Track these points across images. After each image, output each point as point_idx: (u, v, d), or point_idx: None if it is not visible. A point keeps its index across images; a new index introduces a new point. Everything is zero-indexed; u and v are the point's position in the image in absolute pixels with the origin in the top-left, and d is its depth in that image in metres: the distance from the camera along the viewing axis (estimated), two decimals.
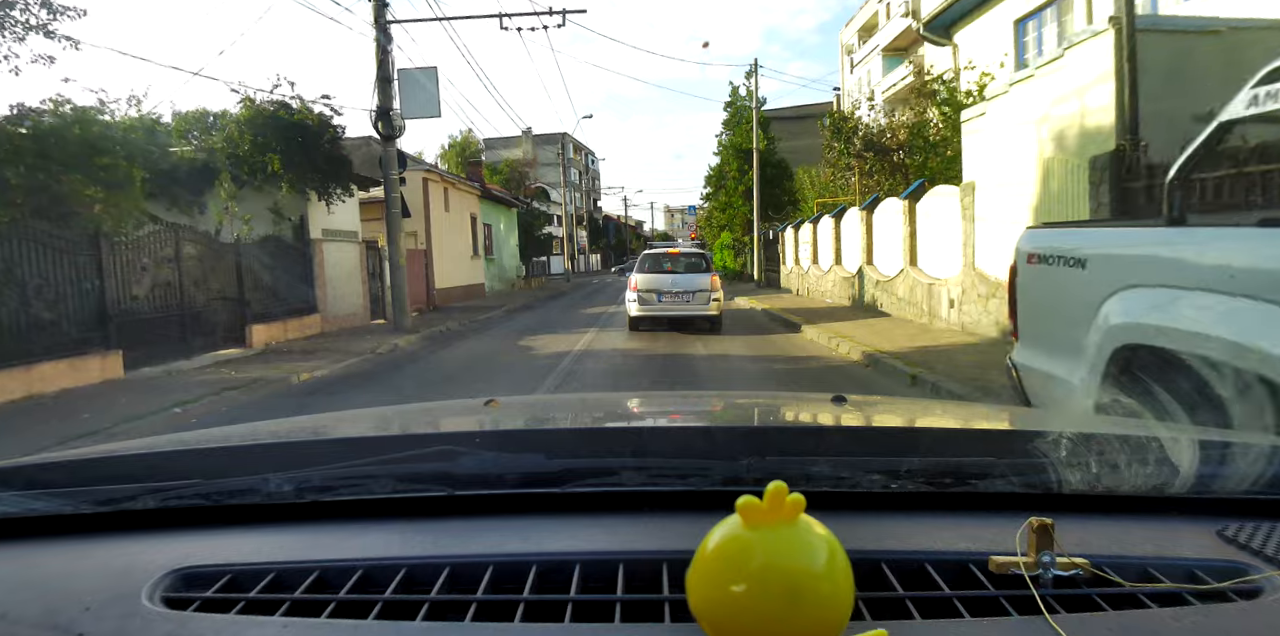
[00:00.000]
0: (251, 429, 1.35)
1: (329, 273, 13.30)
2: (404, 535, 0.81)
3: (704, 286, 11.63)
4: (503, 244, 28.36)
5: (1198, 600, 0.67)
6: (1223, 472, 0.87)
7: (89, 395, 7.30)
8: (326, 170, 12.23)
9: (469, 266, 23.60)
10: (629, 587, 0.70)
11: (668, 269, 12.16)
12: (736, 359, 9.18)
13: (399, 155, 12.42)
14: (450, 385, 8.39)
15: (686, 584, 0.56)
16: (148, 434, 5.25)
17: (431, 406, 1.62)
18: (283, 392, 7.78)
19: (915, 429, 1.26)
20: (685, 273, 11.99)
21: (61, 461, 1.03)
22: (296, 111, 11.90)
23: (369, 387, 7.86)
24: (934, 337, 9.62)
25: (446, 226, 21.69)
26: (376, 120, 12.07)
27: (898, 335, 10.06)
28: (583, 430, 1.27)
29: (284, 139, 11.63)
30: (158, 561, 0.75)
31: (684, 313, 11.64)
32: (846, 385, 7.35)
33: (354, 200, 14.93)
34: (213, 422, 4.85)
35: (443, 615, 0.67)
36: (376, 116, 12.07)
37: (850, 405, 1.40)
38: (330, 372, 8.83)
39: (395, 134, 12.18)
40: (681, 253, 12.93)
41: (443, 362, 9.74)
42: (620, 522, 0.83)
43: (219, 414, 6.80)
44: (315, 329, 12.68)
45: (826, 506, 0.74)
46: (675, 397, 1.95)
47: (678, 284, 11.78)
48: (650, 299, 11.75)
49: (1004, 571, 0.70)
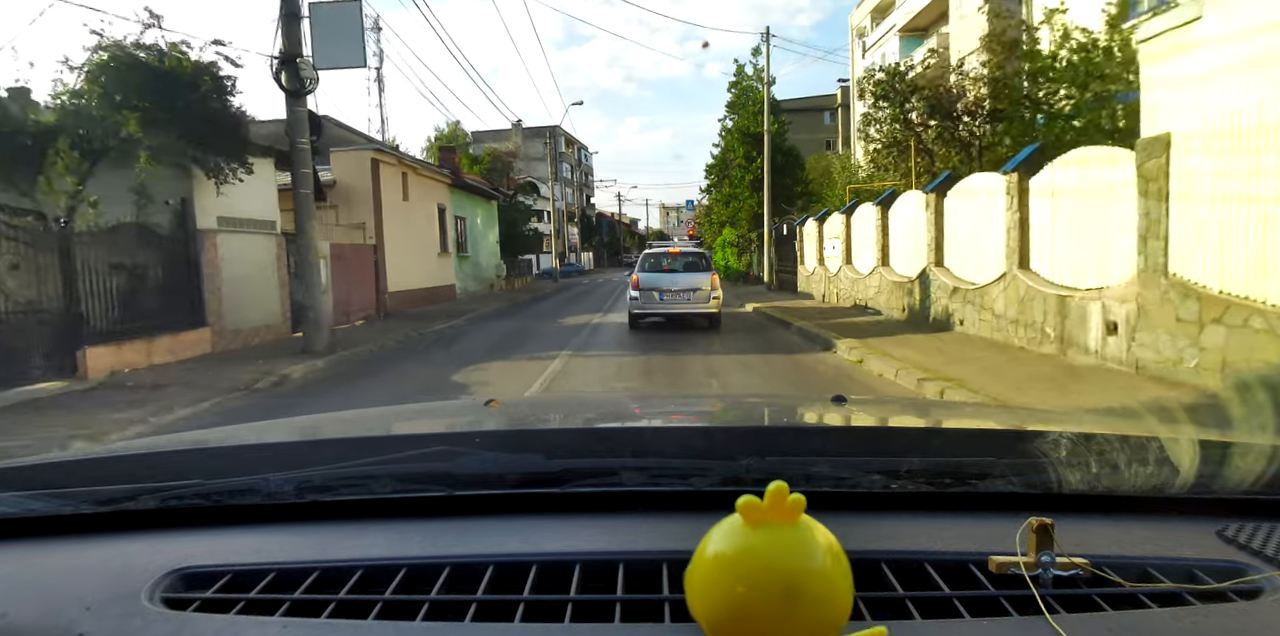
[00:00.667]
0: (252, 429, 1.40)
1: (227, 272, 11.37)
2: (404, 535, 0.88)
3: (704, 285, 12.65)
4: (480, 240, 28.44)
5: (1198, 600, 0.73)
6: (1223, 472, 0.94)
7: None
8: (210, 136, 10.04)
9: (435, 265, 22.79)
10: (629, 587, 0.77)
11: (668, 268, 13.29)
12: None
13: (311, 119, 9.68)
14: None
15: (685, 583, 0.63)
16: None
17: (431, 406, 1.68)
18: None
19: (915, 429, 1.30)
20: (685, 271, 13.11)
21: (61, 461, 1.11)
22: (169, 56, 9.76)
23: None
24: (1092, 383, 6.68)
25: (405, 218, 20.10)
26: (279, 70, 9.52)
27: (1018, 374, 7.39)
28: (582, 430, 1.31)
29: (149, 93, 9.35)
30: (158, 561, 0.82)
31: (684, 310, 12.76)
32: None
33: (269, 181, 13.00)
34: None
35: (443, 615, 0.73)
36: (279, 65, 9.39)
37: (850, 405, 1.43)
38: (152, 428, 6.67)
39: (304, 88, 9.72)
40: (682, 252, 14.25)
41: (334, 410, 6.24)
42: (620, 522, 0.90)
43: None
44: (202, 348, 10.86)
45: (826, 506, 0.81)
46: (675, 398, 1.99)
47: (678, 282, 12.76)
48: (651, 297, 12.75)
49: (1004, 571, 0.76)
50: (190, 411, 7.24)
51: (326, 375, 9.45)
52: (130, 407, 7.25)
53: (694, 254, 14.08)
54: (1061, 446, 0.97)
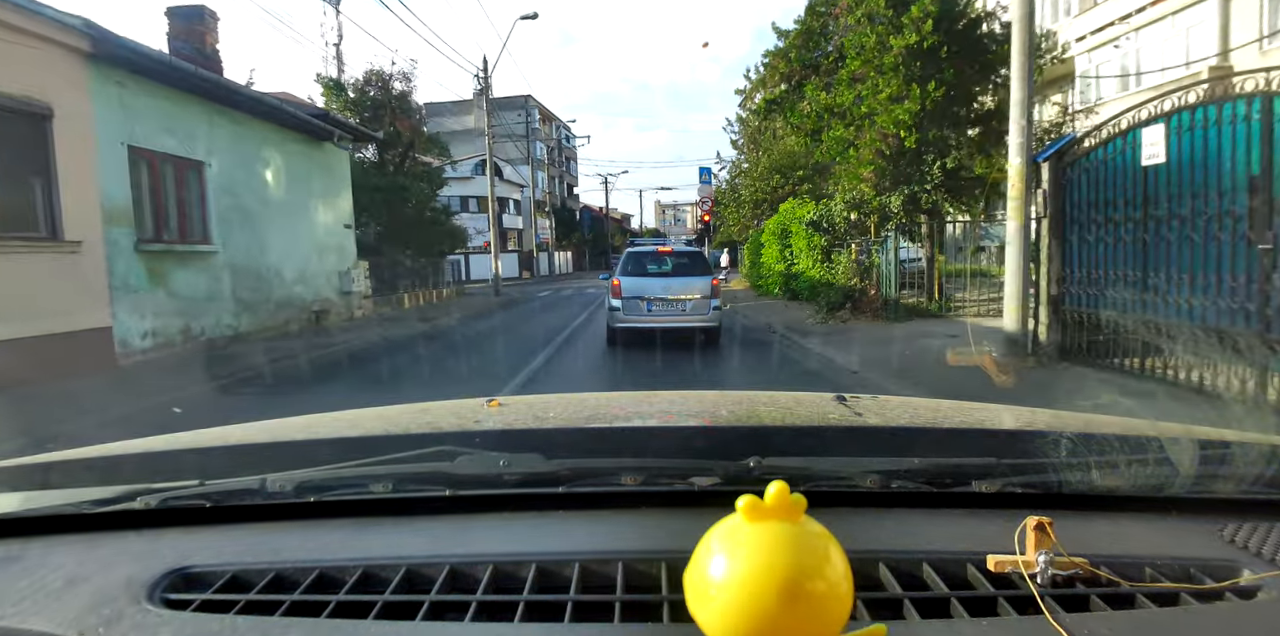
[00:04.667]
0: (251, 429, 1.38)
1: None
2: (404, 535, 0.89)
3: (702, 292, 10.47)
4: (284, 218, 13.30)
5: (1197, 600, 0.73)
6: (1222, 472, 0.94)
7: None
8: None
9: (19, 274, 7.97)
10: (628, 587, 0.77)
11: (657, 271, 11.12)
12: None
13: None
14: None
15: (684, 583, 0.63)
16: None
17: (431, 406, 1.60)
18: None
19: (915, 429, 1.31)
20: (678, 275, 10.89)
21: (61, 461, 1.11)
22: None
23: None
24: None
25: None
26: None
27: None
28: (582, 429, 1.32)
29: None
30: (158, 561, 0.82)
31: (678, 324, 10.40)
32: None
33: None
34: None
35: (442, 615, 0.74)
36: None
37: (850, 405, 1.43)
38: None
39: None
40: (674, 251, 11.82)
41: None
42: (620, 522, 0.91)
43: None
44: None
45: (826, 505, 0.81)
46: (675, 397, 1.98)
47: (671, 289, 10.46)
48: (636, 307, 10.37)
49: (1002, 571, 0.76)
50: None
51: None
52: None
53: (688, 254, 11.80)
54: (1061, 446, 0.97)
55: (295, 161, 13.73)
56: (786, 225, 16.76)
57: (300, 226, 13.99)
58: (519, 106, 45.69)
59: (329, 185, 15.23)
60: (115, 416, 6.48)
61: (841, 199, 13.29)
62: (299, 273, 13.74)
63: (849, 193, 12.89)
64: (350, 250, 16.05)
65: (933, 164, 11.54)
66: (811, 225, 14.50)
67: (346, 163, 16.07)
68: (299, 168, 13.89)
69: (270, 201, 12.93)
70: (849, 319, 12.21)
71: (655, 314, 10.21)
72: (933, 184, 11.57)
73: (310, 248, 14.32)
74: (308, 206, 14.36)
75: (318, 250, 14.63)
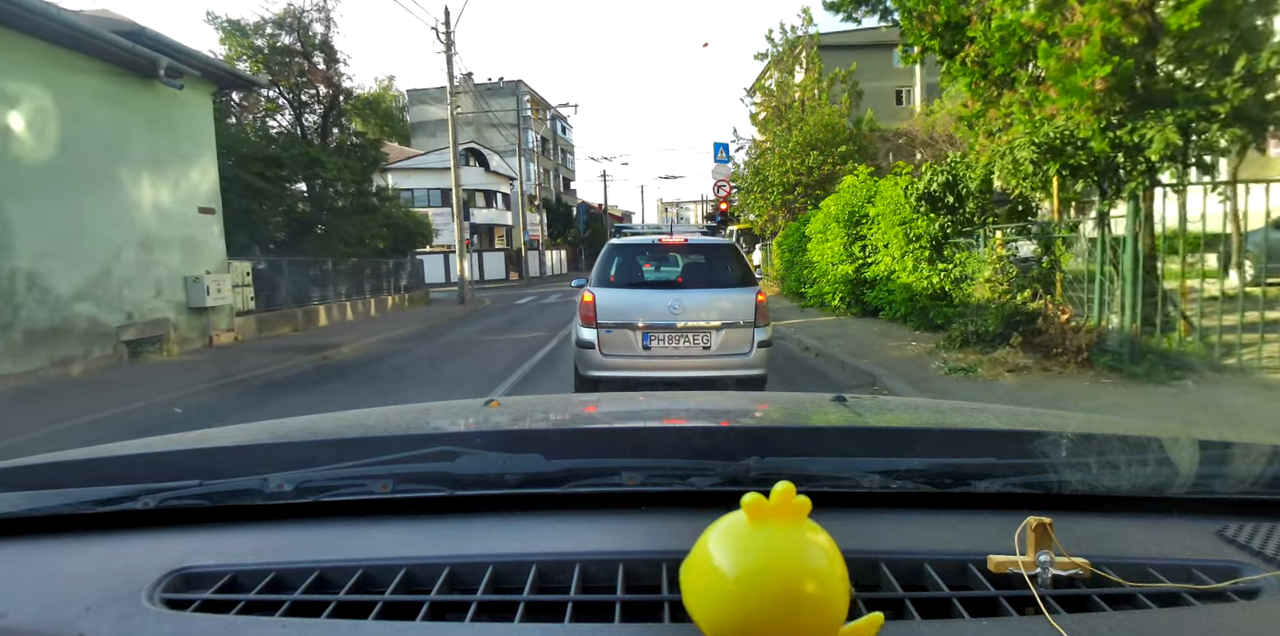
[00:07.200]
0: (251, 429, 1.39)
1: None
2: (404, 535, 0.89)
3: (740, 314, 5.96)
4: (53, 195, 8.47)
5: (1197, 600, 0.73)
6: (1222, 472, 0.95)
7: None
8: None
9: None
10: (629, 587, 0.77)
11: (660, 279, 6.82)
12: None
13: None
14: None
15: (682, 582, 0.63)
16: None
17: (431, 406, 1.61)
18: None
19: (915, 429, 1.32)
20: (697, 285, 6.28)
21: (62, 461, 1.10)
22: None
23: None
24: None
25: None
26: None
27: None
28: (583, 430, 1.33)
29: None
30: (158, 561, 0.83)
31: (698, 372, 5.99)
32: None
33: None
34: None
35: (442, 615, 0.74)
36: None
37: (850, 405, 1.45)
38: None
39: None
40: (689, 244, 6.74)
41: None
42: (620, 522, 0.91)
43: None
44: None
45: (826, 506, 0.82)
46: (675, 398, 1.99)
47: (685, 310, 5.94)
48: (625, 342, 5.94)
49: (1003, 571, 0.76)
50: None
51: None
52: None
53: (712, 248, 6.71)
54: (1061, 446, 0.98)
55: (93, 107, 9.07)
56: (857, 208, 11.91)
57: (101, 208, 9.20)
58: (509, 92, 42.50)
59: (170, 149, 10.44)
60: None
61: (1028, 140, 6.95)
62: (90, 280, 8.93)
63: (1040, 131, 6.90)
64: (212, 246, 11.34)
65: (1236, 66, 5.84)
66: (926, 199, 9.12)
67: (206, 118, 11.25)
68: (102, 118, 9.24)
69: (26, 167, 8.05)
70: (1020, 366, 6.62)
71: (657, 355, 5.86)
72: (1233, 102, 5.79)
73: (124, 241, 9.57)
74: (121, 178, 9.58)
75: (141, 245, 9.87)
